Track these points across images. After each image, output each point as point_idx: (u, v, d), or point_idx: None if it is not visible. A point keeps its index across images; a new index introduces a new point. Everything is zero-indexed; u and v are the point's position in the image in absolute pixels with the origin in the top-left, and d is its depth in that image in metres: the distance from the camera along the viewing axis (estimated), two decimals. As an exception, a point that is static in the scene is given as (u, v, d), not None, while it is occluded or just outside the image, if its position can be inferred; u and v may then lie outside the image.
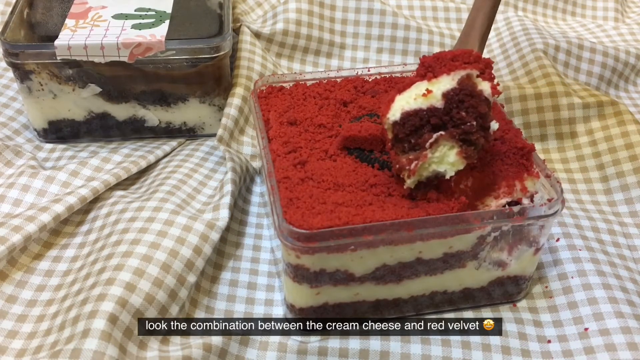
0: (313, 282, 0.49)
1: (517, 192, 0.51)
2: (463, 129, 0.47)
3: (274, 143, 0.55)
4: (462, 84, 0.47)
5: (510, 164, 0.52)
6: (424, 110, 0.47)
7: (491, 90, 0.47)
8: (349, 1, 0.85)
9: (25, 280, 0.55)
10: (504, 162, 0.52)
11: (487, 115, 0.48)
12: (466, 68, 0.47)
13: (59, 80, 0.66)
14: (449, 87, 0.47)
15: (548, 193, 0.52)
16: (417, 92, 0.48)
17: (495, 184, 0.51)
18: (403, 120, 0.48)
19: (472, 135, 0.47)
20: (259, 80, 0.62)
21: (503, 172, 0.51)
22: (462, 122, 0.47)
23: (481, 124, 0.47)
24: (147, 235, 0.54)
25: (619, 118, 0.70)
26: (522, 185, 0.51)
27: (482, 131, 0.48)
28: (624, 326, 0.51)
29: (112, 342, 0.47)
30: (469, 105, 0.47)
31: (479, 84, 0.47)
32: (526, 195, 0.51)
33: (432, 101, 0.47)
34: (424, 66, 0.49)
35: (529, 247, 0.52)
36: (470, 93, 0.47)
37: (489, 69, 0.48)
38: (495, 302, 0.55)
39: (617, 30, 0.90)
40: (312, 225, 0.46)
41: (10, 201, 0.60)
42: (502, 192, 0.51)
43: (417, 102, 0.48)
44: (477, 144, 0.48)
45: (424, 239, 0.48)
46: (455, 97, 0.47)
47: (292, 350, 0.51)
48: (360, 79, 0.63)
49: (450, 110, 0.47)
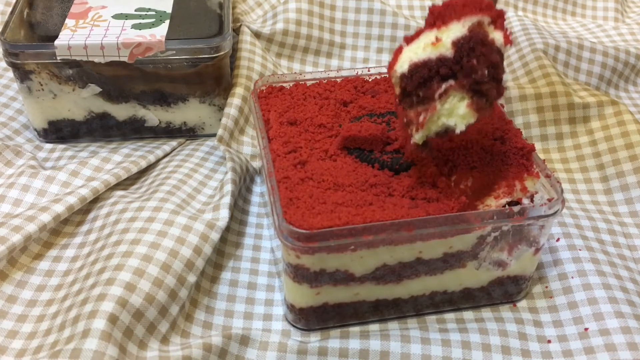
0: (313, 282, 0.49)
1: (517, 192, 0.51)
2: (474, 79, 0.44)
3: (274, 143, 0.55)
4: (473, 31, 0.44)
5: (510, 164, 0.52)
6: (433, 60, 0.44)
7: (504, 40, 0.44)
8: (349, 1, 0.85)
9: (25, 280, 0.55)
10: (504, 162, 0.52)
11: (499, 66, 0.44)
12: (477, 15, 0.44)
13: (59, 80, 0.66)
14: (459, 35, 0.44)
15: (548, 193, 0.52)
16: (425, 42, 0.45)
17: (495, 184, 0.51)
18: (411, 72, 0.45)
19: (483, 86, 0.44)
20: (259, 80, 0.62)
21: (503, 172, 0.51)
22: (473, 71, 0.44)
23: (493, 74, 0.44)
24: (147, 235, 0.54)
25: (619, 118, 0.70)
26: (522, 185, 0.51)
27: (494, 82, 0.45)
28: (624, 326, 0.51)
29: (112, 342, 0.47)
30: (480, 54, 0.44)
31: (490, 33, 0.44)
32: (526, 195, 0.51)
33: (441, 50, 0.44)
34: (433, 15, 0.46)
35: (529, 247, 0.52)
36: (481, 41, 0.44)
37: (501, 19, 0.45)
38: (495, 302, 0.55)
39: (617, 30, 0.90)
40: (312, 225, 0.46)
41: (10, 201, 0.60)
42: (502, 192, 0.51)
43: (425, 52, 0.45)
44: (488, 95, 0.45)
45: (424, 238, 0.48)
46: (465, 46, 0.44)
47: (292, 350, 0.51)
48: (360, 79, 0.63)
49: (461, 59, 0.44)
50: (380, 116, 0.58)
